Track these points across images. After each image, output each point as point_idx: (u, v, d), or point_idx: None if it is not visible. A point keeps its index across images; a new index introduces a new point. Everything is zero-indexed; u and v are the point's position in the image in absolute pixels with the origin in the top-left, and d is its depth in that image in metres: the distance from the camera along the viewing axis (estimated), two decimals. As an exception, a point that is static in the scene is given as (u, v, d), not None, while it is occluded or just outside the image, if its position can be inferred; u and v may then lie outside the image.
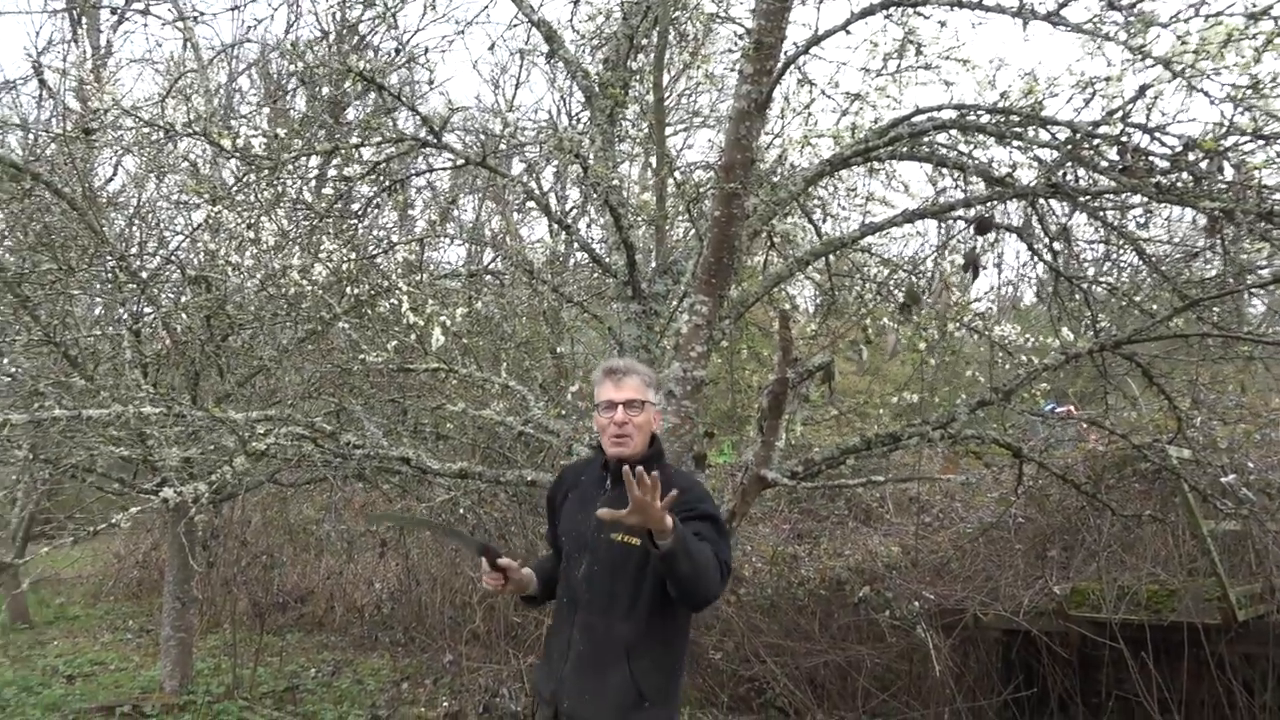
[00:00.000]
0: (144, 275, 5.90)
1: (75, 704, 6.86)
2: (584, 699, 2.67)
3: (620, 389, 2.77)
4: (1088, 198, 3.78)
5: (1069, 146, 3.47)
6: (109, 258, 5.49)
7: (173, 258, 6.02)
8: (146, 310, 5.51)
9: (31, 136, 7.82)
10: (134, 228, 6.64)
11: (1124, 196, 3.96)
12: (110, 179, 12.65)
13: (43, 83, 12.32)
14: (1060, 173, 3.67)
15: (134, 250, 6.11)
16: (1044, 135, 3.73)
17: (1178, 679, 5.54)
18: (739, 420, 7.21)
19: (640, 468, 2.35)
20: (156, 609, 9.83)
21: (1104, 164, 3.43)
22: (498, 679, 6.46)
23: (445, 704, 6.37)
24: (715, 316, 3.71)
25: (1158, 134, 3.39)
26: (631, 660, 2.65)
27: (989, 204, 3.92)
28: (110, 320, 6.20)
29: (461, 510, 7.24)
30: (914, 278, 5.06)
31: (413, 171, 4.09)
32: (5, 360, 6.61)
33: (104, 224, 6.07)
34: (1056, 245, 4.60)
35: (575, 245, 7.94)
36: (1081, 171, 3.95)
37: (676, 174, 4.38)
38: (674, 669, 2.74)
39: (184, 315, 5.73)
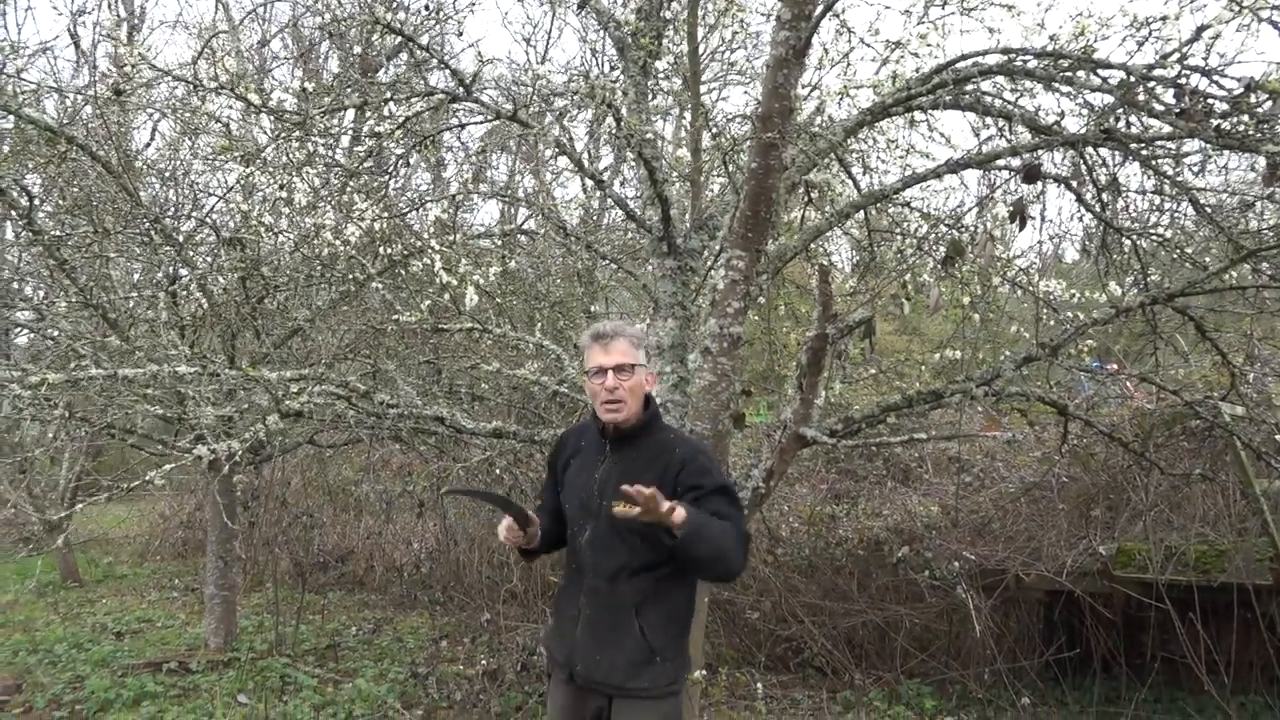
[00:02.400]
0: (179, 238, 5.92)
1: (124, 659, 7.00)
2: (595, 660, 2.71)
3: (609, 353, 2.74)
4: (1141, 145, 3.63)
5: (1122, 91, 3.32)
6: (144, 220, 5.50)
7: (207, 220, 6.02)
8: (182, 272, 5.53)
9: (68, 101, 7.84)
10: (169, 190, 6.66)
11: (1179, 143, 3.80)
12: (148, 144, 12.72)
13: (77, 46, 12.37)
14: (1113, 118, 3.52)
15: (169, 213, 6.13)
16: (1095, 80, 3.58)
17: (1226, 640, 5.43)
18: (776, 379, 7.13)
19: (637, 487, 2.39)
20: (201, 568, 10.02)
21: (1159, 108, 3.28)
22: (535, 637, 6.49)
23: (483, 662, 6.41)
24: (752, 272, 3.62)
25: (1217, 76, 3.24)
26: (641, 618, 2.68)
27: (1036, 152, 3.78)
28: (148, 283, 6.24)
29: (498, 471, 7.26)
30: (956, 232, 4.92)
31: (444, 127, 4.02)
32: (46, 322, 6.68)
33: (139, 187, 6.09)
34: (1105, 196, 4.44)
35: (609, 203, 7.85)
36: (1134, 118, 3.81)
37: (712, 126, 4.27)
38: (683, 623, 2.78)
39: (219, 277, 5.75)
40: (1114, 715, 5.67)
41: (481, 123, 3.94)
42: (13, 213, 5.55)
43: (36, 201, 5.92)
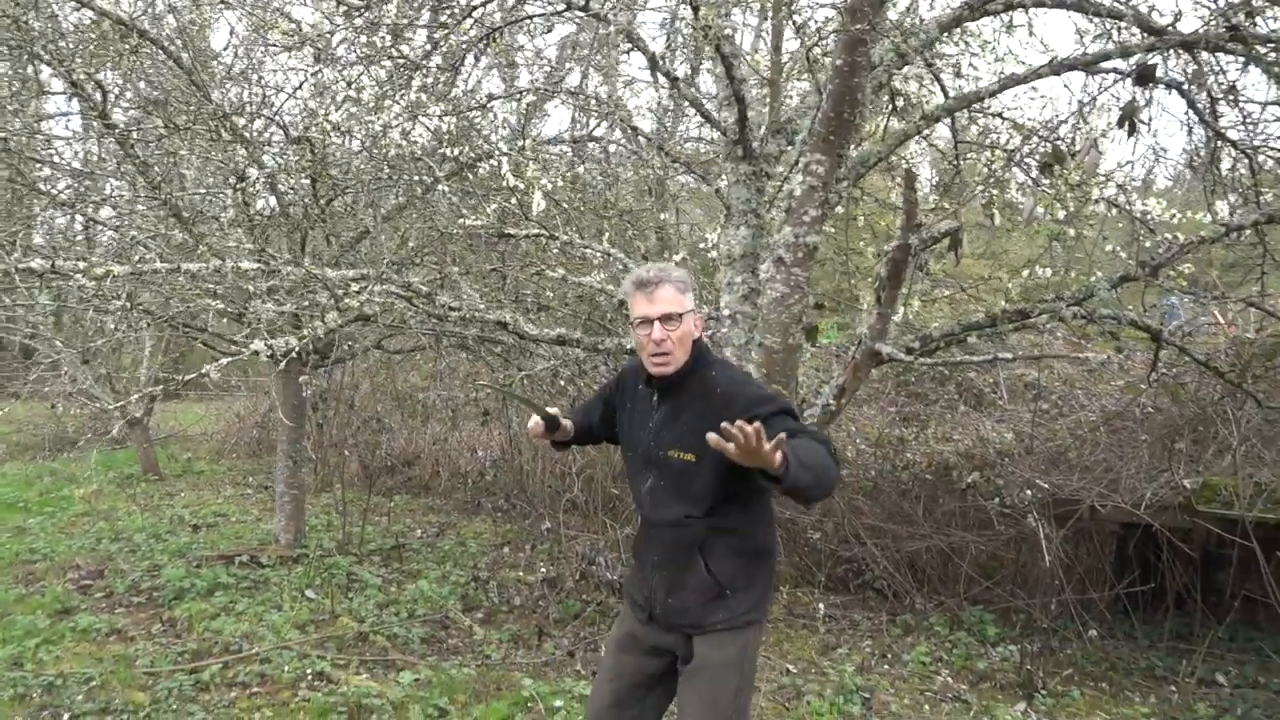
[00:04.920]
0: (248, 136, 5.87)
1: (199, 551, 7.24)
2: (669, 603, 2.69)
3: (653, 303, 2.60)
4: (1269, 47, 3.31)
5: (1253, -17, 3.01)
6: (213, 118, 5.46)
7: (275, 119, 5.96)
8: (251, 171, 5.49)
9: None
10: (241, 90, 6.60)
11: (1311, 46, 3.47)
12: (226, 47, 12.72)
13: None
14: (1240, 15, 3.21)
15: (240, 111, 6.08)
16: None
17: (1314, 582, 5.20)
18: (848, 298, 6.93)
19: (743, 423, 2.14)
20: (274, 467, 10.31)
21: (1295, 3, 2.97)
22: (595, 547, 6.53)
23: (544, 569, 6.47)
24: (832, 178, 3.42)
25: (1365, -34, 2.91)
26: (706, 557, 2.63)
27: (1149, 53, 3.47)
28: (219, 182, 6.24)
29: (562, 381, 7.23)
30: (1050, 143, 4.62)
31: (514, 19, 3.85)
32: (126, 221, 6.74)
33: (211, 85, 6.04)
34: (1219, 106, 4.11)
35: (682, 112, 7.61)
36: (1261, 18, 3.48)
37: (795, 18, 4.02)
38: (754, 555, 2.70)
39: (288, 177, 5.70)
40: (1186, 652, 5.50)
41: (552, 13, 3.77)
42: (89, 108, 5.54)
43: (112, 97, 5.91)
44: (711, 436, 2.22)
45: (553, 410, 2.90)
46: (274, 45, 6.08)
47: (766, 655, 5.45)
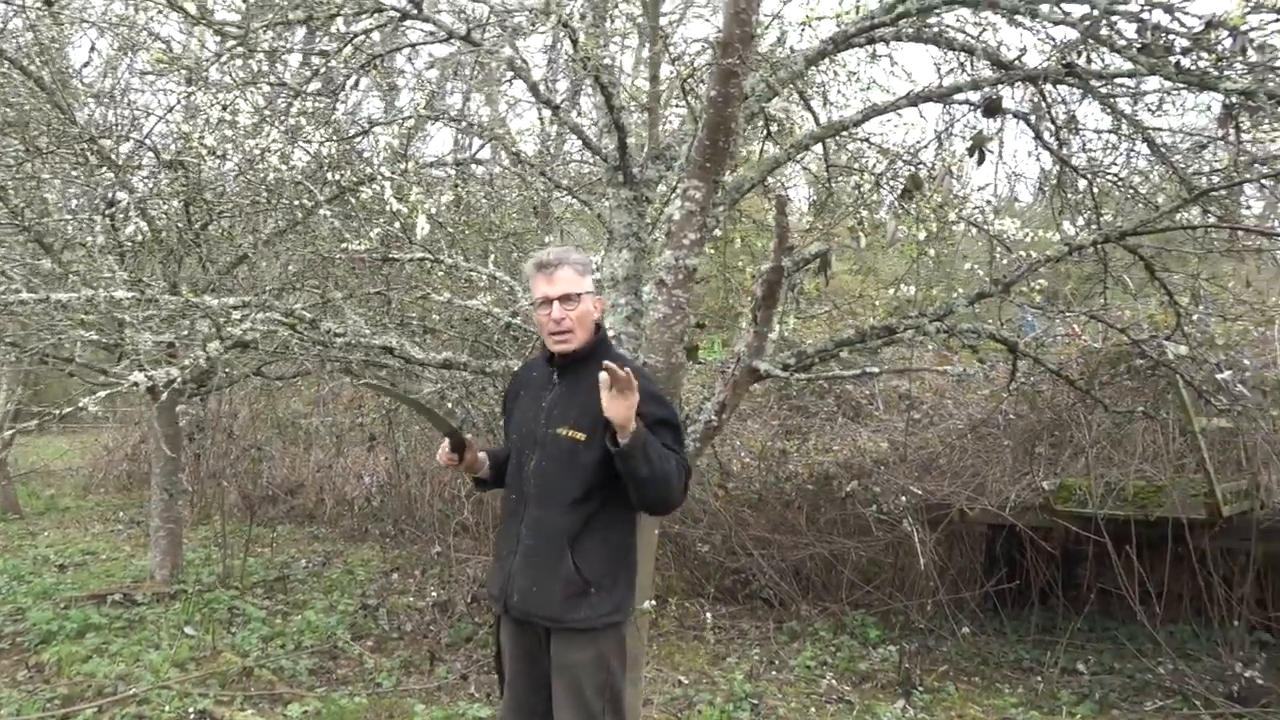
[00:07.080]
0: (117, 159, 5.68)
1: (67, 592, 6.91)
2: (531, 591, 2.68)
3: (553, 283, 2.69)
4: (1101, 81, 3.61)
5: (1086, 24, 3.29)
6: (80, 141, 5.27)
7: (146, 141, 5.79)
8: (121, 196, 5.32)
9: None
10: (107, 110, 6.38)
11: (1138, 81, 3.80)
12: (86, 63, 12.21)
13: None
14: (1075, 53, 3.50)
15: (106, 133, 5.87)
16: (1059, 13, 3.54)
17: (1158, 572, 5.62)
18: (731, 316, 7.13)
19: (616, 365, 2.36)
20: (146, 501, 9.89)
21: (1121, 43, 3.26)
22: (486, 570, 6.51)
23: (434, 594, 6.43)
24: (709, 203, 3.56)
25: (1179, 11, 3.21)
26: (575, 551, 2.65)
27: (996, 86, 3.75)
28: (85, 207, 6.00)
29: (449, 405, 7.20)
30: (913, 167, 4.91)
31: (394, 47, 3.88)
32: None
33: (75, 106, 5.82)
34: (1062, 134, 4.45)
35: (566, 134, 7.70)
36: (1095, 55, 3.79)
37: (671, 53, 4.16)
38: (618, 555, 2.74)
39: (160, 202, 5.54)
40: (1049, 644, 5.86)
41: (433, 42, 3.81)
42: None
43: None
44: (603, 373, 2.38)
45: (457, 426, 2.87)
46: (144, 67, 5.90)
47: (658, 668, 5.55)
